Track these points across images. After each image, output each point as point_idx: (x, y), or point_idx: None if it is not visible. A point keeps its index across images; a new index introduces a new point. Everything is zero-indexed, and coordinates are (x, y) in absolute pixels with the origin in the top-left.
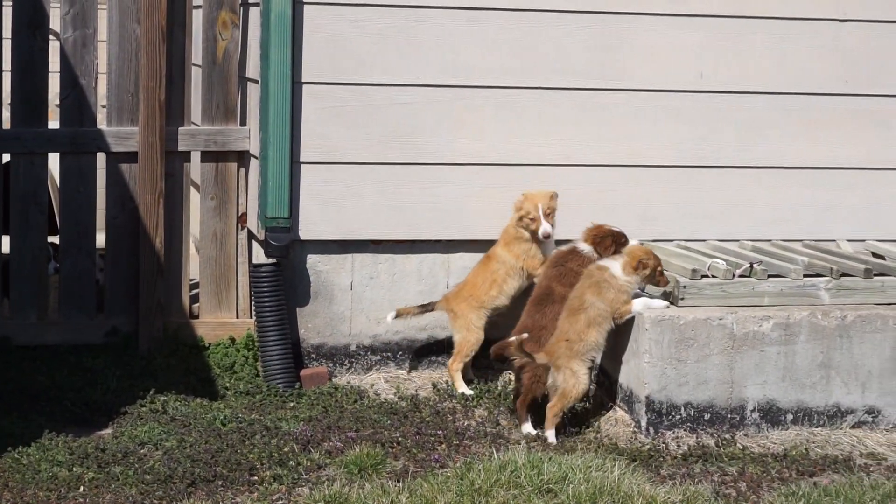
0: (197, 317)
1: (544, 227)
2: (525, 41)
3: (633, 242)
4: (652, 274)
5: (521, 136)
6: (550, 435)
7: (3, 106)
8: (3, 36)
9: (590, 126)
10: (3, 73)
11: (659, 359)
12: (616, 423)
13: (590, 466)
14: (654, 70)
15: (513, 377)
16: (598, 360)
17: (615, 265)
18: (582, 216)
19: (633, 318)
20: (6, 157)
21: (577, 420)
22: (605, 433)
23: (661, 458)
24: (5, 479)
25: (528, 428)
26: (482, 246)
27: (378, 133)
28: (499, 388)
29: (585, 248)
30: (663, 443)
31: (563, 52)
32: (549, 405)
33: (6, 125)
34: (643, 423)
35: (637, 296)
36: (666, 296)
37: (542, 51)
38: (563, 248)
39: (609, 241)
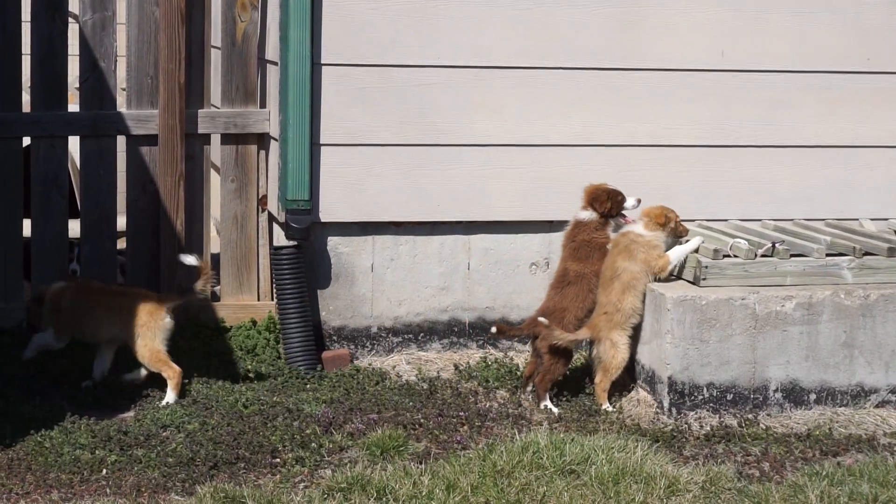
0: (218, 299)
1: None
2: (544, 21)
3: (629, 201)
4: (675, 227)
5: (541, 117)
6: (607, 405)
7: (24, 89)
8: (23, 19)
9: (610, 106)
10: (23, 57)
11: (681, 339)
12: (638, 403)
13: (612, 447)
14: (675, 49)
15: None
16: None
17: (637, 226)
18: None
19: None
20: (26, 141)
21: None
22: (627, 413)
23: (684, 439)
24: (28, 462)
25: (547, 403)
26: (503, 227)
27: (398, 114)
28: (520, 369)
29: (585, 214)
30: (686, 423)
31: (582, 32)
32: (595, 381)
33: (26, 108)
34: (665, 404)
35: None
36: (690, 271)
37: (562, 31)
38: (567, 226)
39: (604, 196)
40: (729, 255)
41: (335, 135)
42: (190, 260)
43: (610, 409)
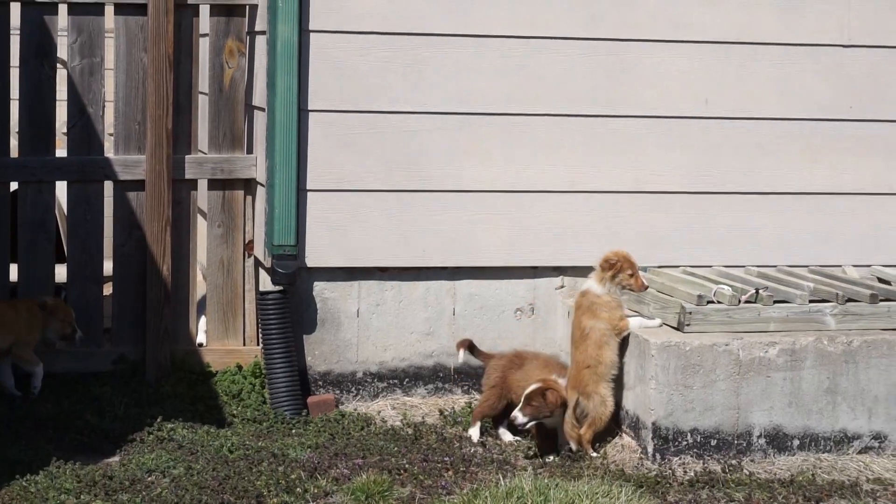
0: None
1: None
2: (531, 68)
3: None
4: (617, 274)
5: (527, 163)
6: (593, 453)
7: (11, 134)
8: (11, 64)
9: (595, 152)
10: (11, 102)
11: (665, 385)
12: (622, 448)
13: (596, 493)
14: (659, 96)
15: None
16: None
17: (591, 283)
18: (588, 242)
19: (639, 339)
20: (14, 186)
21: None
22: (611, 459)
23: (668, 485)
24: None
25: (475, 433)
26: (488, 273)
27: (384, 160)
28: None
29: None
30: (670, 469)
31: (568, 79)
32: (581, 432)
33: (14, 153)
34: (650, 450)
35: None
36: (673, 318)
37: (548, 77)
38: None
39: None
40: (713, 302)
41: (322, 180)
42: None
43: (595, 455)
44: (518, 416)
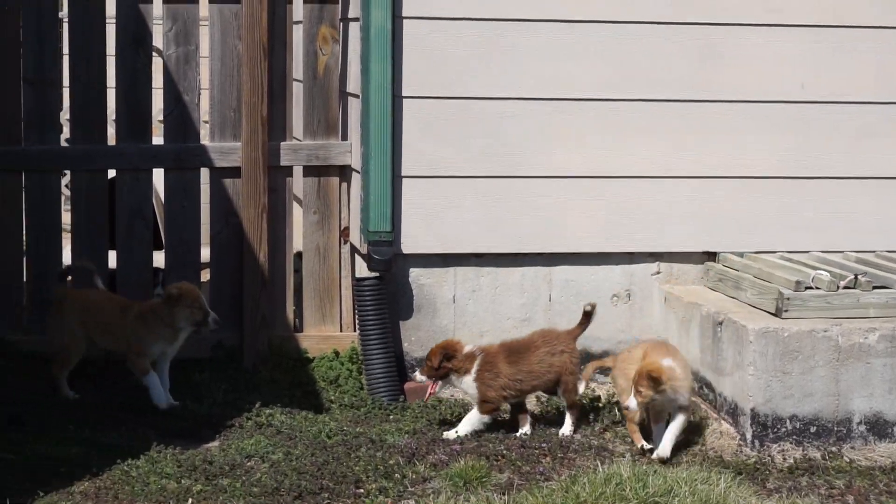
0: (301, 330)
1: None
2: (625, 53)
3: None
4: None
5: (621, 148)
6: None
7: (108, 122)
8: (108, 53)
9: (690, 138)
10: (108, 90)
11: (763, 371)
12: (721, 435)
13: (695, 479)
14: (755, 81)
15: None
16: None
17: None
18: (682, 227)
19: (733, 329)
20: (112, 173)
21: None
22: (709, 446)
23: (767, 472)
24: (115, 492)
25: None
26: (584, 259)
27: (478, 146)
28: (601, 400)
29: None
30: (769, 456)
31: (663, 64)
32: None
33: (111, 141)
34: (748, 436)
35: None
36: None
37: (642, 62)
38: None
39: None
40: (811, 287)
41: (416, 167)
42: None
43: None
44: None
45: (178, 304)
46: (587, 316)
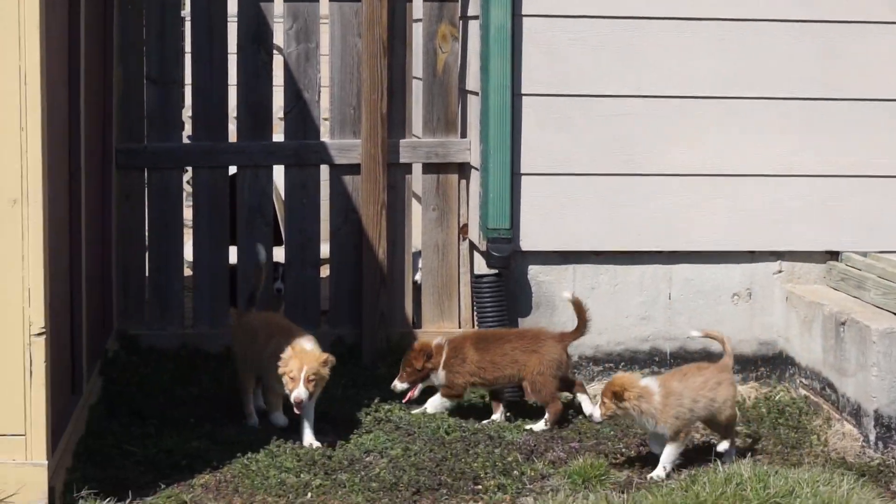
0: (419, 326)
1: None
2: (746, 50)
3: None
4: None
5: (742, 146)
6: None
7: (230, 119)
8: (229, 51)
9: (813, 135)
10: (229, 87)
11: (888, 372)
12: (843, 436)
13: (817, 481)
14: (878, 79)
15: None
16: None
17: None
18: (805, 226)
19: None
20: (232, 170)
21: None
22: (832, 447)
23: (892, 473)
24: (235, 485)
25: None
26: (704, 257)
27: (597, 144)
28: None
29: None
30: (893, 458)
31: (784, 62)
32: None
33: (232, 138)
34: (872, 438)
35: None
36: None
37: (764, 60)
38: None
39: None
40: None
41: (535, 164)
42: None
43: None
44: None
45: None
46: (582, 321)
